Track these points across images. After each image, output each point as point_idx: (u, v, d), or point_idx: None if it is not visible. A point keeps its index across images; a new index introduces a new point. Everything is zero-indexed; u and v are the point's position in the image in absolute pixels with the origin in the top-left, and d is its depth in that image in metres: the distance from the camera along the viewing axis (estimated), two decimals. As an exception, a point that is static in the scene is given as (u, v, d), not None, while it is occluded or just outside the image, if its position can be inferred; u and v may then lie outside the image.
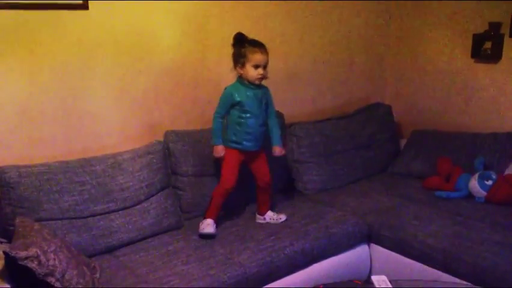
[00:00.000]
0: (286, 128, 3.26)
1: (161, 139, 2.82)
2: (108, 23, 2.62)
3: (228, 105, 2.64)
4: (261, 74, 2.61)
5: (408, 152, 3.59)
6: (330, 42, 3.61)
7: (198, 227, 2.62)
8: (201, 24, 2.96)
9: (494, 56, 3.33)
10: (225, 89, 2.67)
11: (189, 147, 2.83)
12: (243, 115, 2.63)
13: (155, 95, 2.88)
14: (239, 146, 2.65)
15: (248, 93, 2.63)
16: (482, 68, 3.44)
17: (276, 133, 2.75)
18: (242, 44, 2.61)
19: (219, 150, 2.65)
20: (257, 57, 2.58)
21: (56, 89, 2.54)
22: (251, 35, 3.11)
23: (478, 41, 3.38)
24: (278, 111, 3.26)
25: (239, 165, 2.68)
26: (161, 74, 2.88)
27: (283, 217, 2.79)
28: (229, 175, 2.65)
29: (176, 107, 2.98)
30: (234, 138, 2.65)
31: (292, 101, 3.48)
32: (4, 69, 2.38)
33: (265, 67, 2.61)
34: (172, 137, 2.81)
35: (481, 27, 3.34)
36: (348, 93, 3.84)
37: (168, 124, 2.93)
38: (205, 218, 2.65)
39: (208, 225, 2.59)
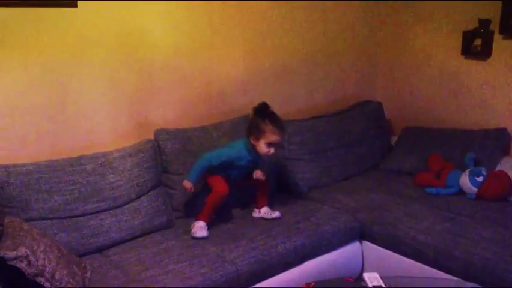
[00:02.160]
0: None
1: (152, 137, 2.81)
2: (97, 20, 2.60)
3: (228, 163, 2.66)
4: (272, 153, 2.62)
5: (400, 149, 3.60)
6: (322, 40, 3.61)
7: (190, 228, 2.60)
8: (192, 22, 2.94)
9: (484, 53, 3.34)
10: (231, 146, 2.69)
11: (180, 145, 2.81)
12: (229, 171, 2.68)
13: (145, 93, 2.87)
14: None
15: (249, 159, 2.66)
16: (472, 65, 3.45)
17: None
18: (264, 118, 2.60)
19: (188, 187, 2.62)
20: (274, 138, 2.59)
21: (45, 87, 2.51)
22: (243, 31, 3.11)
23: (468, 38, 3.39)
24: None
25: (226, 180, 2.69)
26: (151, 72, 2.86)
27: (276, 213, 2.79)
28: (220, 183, 2.64)
29: (167, 105, 2.97)
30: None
31: (283, 98, 3.48)
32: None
33: (278, 146, 2.62)
34: (163, 135, 2.80)
35: (471, 24, 3.35)
36: (339, 91, 3.84)
37: (159, 122, 2.92)
38: (197, 219, 2.63)
39: (200, 229, 2.57)
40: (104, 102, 2.73)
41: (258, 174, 2.73)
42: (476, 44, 3.37)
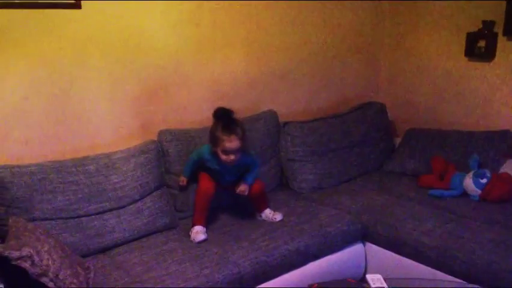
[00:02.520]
0: (280, 126, 3.26)
1: (155, 138, 2.81)
2: (101, 22, 2.61)
3: (200, 162, 2.69)
4: (232, 159, 2.53)
5: (403, 151, 3.60)
6: (325, 41, 3.61)
7: (189, 235, 2.60)
8: (194, 24, 2.95)
9: (488, 55, 3.33)
10: (197, 150, 2.73)
11: (183, 146, 2.82)
12: (214, 176, 2.69)
13: (149, 94, 2.87)
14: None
15: (217, 163, 2.63)
16: (475, 67, 3.45)
17: (250, 174, 2.70)
18: (217, 123, 2.55)
19: (181, 180, 2.76)
20: (228, 145, 2.50)
21: (48, 88, 2.52)
22: (246, 33, 3.12)
23: (471, 39, 3.39)
24: (272, 109, 3.28)
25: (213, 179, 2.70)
26: (154, 72, 2.87)
27: (278, 216, 2.78)
28: (204, 181, 2.65)
29: (170, 106, 2.97)
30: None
31: (286, 99, 3.48)
32: (-4, 68, 2.37)
33: (238, 150, 2.53)
34: (166, 136, 2.80)
35: (475, 26, 3.35)
36: (342, 92, 3.84)
37: (162, 123, 2.92)
38: (193, 225, 2.62)
39: (198, 233, 2.56)
40: (107, 103, 2.74)
41: (241, 188, 2.65)
42: (480, 46, 3.36)
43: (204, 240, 2.54)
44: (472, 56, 3.43)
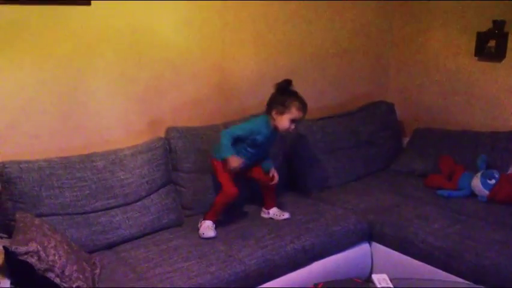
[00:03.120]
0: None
1: (163, 135, 2.82)
2: (110, 18, 2.61)
3: (246, 137, 2.62)
4: (293, 129, 2.63)
5: (411, 150, 3.58)
6: (334, 40, 3.60)
7: (198, 226, 2.61)
8: (203, 21, 2.95)
9: (498, 55, 3.31)
10: (253, 121, 2.68)
11: (191, 143, 2.82)
12: (249, 149, 2.65)
13: (157, 91, 2.88)
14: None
15: (268, 135, 2.65)
16: (485, 67, 3.42)
17: (268, 161, 2.78)
18: (290, 94, 2.62)
19: (235, 160, 2.56)
20: (299, 114, 2.60)
21: (57, 84, 2.53)
22: (255, 30, 3.12)
23: (481, 39, 3.36)
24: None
25: (233, 174, 2.64)
26: (163, 70, 2.87)
27: (286, 215, 2.78)
28: (229, 183, 2.61)
29: (178, 103, 2.98)
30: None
31: (294, 98, 3.47)
32: (6, 63, 2.37)
33: (298, 122, 2.65)
34: (174, 133, 2.80)
35: (485, 26, 3.32)
36: (351, 91, 3.82)
37: (170, 120, 2.93)
38: (204, 219, 2.63)
39: (208, 229, 2.57)
40: (115, 100, 2.74)
41: (274, 173, 2.75)
42: (490, 46, 3.33)
43: (212, 238, 2.54)
44: (482, 55, 3.40)
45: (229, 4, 3.02)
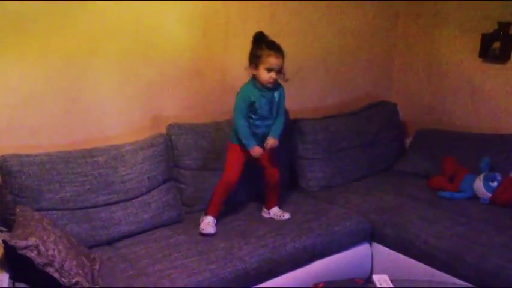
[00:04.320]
0: (290, 124, 3.24)
1: (165, 132, 2.81)
2: (114, 13, 2.60)
3: (247, 105, 2.58)
4: (273, 78, 2.56)
5: (413, 151, 3.57)
6: (337, 39, 3.58)
7: (198, 222, 2.60)
8: (207, 18, 2.93)
9: (503, 56, 3.29)
10: (241, 88, 2.63)
11: (192, 140, 2.81)
12: (253, 116, 2.60)
13: (159, 87, 2.87)
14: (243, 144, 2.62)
15: (261, 95, 2.59)
16: (489, 68, 3.40)
17: (275, 127, 2.68)
18: (260, 44, 2.57)
19: (256, 151, 2.57)
20: (271, 60, 2.52)
21: (59, 79, 2.52)
22: (257, 28, 3.10)
23: (486, 40, 3.34)
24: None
25: (243, 162, 2.64)
26: (166, 66, 2.86)
27: (287, 215, 2.77)
28: (232, 170, 2.62)
29: (180, 100, 2.97)
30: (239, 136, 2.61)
31: (297, 96, 3.46)
32: (8, 57, 2.36)
33: (279, 71, 2.57)
34: (175, 130, 2.79)
35: (490, 27, 3.30)
36: (354, 91, 3.81)
37: (172, 117, 2.92)
38: (206, 214, 2.62)
39: (208, 225, 2.56)
40: (118, 96, 2.73)
41: (270, 142, 2.62)
42: (494, 47, 3.32)
43: (211, 235, 2.53)
44: (486, 57, 3.38)
45: (232, 2, 3.00)
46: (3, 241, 1.85)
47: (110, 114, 2.73)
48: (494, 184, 2.93)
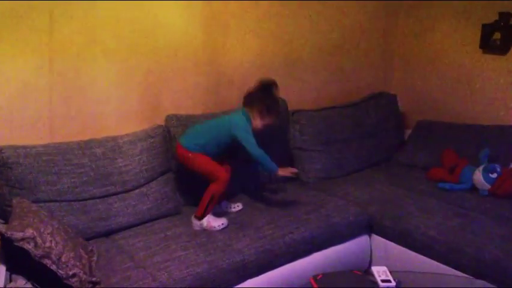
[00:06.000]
0: (289, 115, 3.22)
1: (163, 123, 2.79)
2: (112, 4, 2.57)
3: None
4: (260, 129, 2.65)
5: (413, 143, 3.55)
6: (337, 30, 3.56)
7: (203, 228, 2.53)
8: (205, 9, 2.91)
9: (503, 47, 3.27)
10: (238, 121, 2.61)
11: (190, 132, 2.79)
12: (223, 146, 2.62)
13: (158, 78, 2.85)
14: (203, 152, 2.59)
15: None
16: (490, 59, 3.38)
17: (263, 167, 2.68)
18: (272, 98, 2.64)
19: (284, 170, 2.65)
20: (272, 121, 2.66)
21: (57, 69, 2.50)
22: (257, 21, 3.09)
23: (487, 31, 3.32)
24: (281, 98, 3.23)
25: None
26: (164, 57, 2.83)
27: (239, 206, 2.78)
28: (217, 169, 2.56)
29: (179, 91, 2.95)
30: (201, 149, 2.57)
31: (296, 87, 3.44)
32: (6, 47, 2.34)
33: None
34: (174, 121, 2.78)
35: (491, 18, 3.28)
36: (353, 82, 3.79)
37: (170, 108, 2.90)
38: (204, 215, 2.52)
39: (214, 221, 2.52)
40: (116, 87, 2.71)
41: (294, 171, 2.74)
42: (495, 38, 3.30)
43: (227, 226, 2.52)
44: (486, 48, 3.36)
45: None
46: (0, 233, 1.84)
47: (108, 105, 2.71)
48: (494, 175, 2.92)
